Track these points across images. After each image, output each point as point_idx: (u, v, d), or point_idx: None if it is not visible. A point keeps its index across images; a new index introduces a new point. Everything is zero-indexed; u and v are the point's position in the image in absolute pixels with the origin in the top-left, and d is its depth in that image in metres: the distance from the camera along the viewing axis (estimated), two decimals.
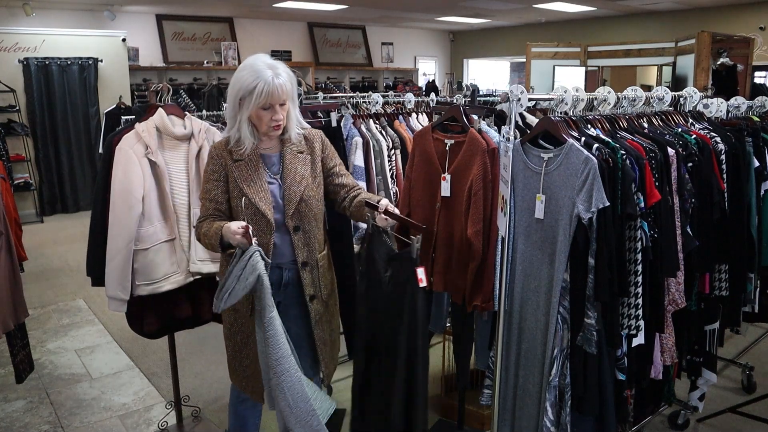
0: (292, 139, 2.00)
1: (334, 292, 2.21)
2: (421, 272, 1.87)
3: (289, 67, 1.97)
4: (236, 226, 1.79)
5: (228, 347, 2.12)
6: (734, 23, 8.36)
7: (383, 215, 1.88)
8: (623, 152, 1.91)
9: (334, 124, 2.67)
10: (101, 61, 7.62)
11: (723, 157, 2.32)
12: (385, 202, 1.91)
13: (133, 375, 3.35)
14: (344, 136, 2.79)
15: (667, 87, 2.64)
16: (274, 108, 1.88)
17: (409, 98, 3.33)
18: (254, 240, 1.79)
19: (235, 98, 1.89)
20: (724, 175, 2.33)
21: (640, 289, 1.95)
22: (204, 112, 3.64)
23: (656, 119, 2.37)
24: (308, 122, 2.18)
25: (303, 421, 1.88)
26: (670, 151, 2.08)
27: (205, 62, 9.12)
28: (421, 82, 11.56)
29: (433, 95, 3.51)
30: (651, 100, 2.34)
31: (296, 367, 1.87)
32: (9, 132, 7.06)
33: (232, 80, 1.90)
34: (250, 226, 1.80)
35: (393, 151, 2.97)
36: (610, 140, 1.96)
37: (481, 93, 5.75)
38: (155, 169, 2.35)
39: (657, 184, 1.97)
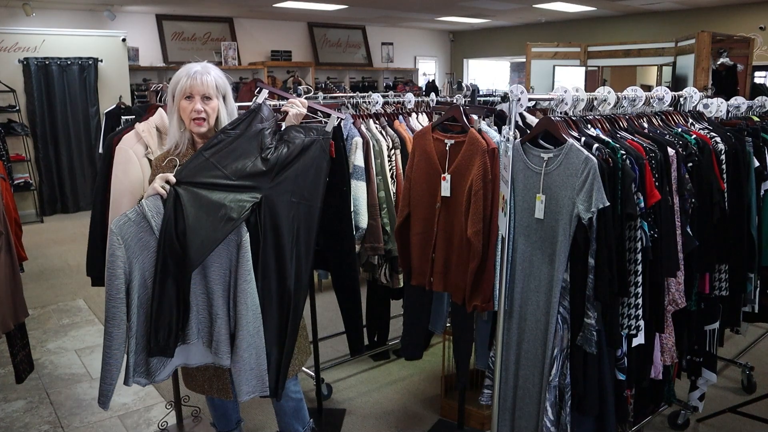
0: None
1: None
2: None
3: (289, 66, 1.98)
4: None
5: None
6: (734, 23, 8.36)
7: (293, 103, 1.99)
8: (623, 152, 1.91)
9: (334, 124, 2.66)
10: (101, 61, 7.62)
11: (723, 157, 2.32)
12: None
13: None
14: (344, 136, 2.79)
15: (667, 87, 2.64)
16: (195, 99, 1.93)
17: (409, 98, 3.33)
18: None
19: (170, 95, 1.98)
20: (724, 175, 2.33)
21: (640, 289, 1.95)
22: None
23: (656, 119, 2.37)
24: (308, 122, 2.19)
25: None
26: (670, 151, 2.08)
27: (206, 62, 9.10)
28: (421, 82, 11.56)
29: (433, 95, 3.51)
30: (651, 100, 2.34)
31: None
32: (9, 132, 7.06)
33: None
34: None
35: (393, 151, 2.97)
36: (610, 140, 1.96)
37: (481, 93, 5.75)
38: None
39: (657, 184, 1.98)
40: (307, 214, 2.00)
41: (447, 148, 2.29)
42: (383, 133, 3.00)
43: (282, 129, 2.02)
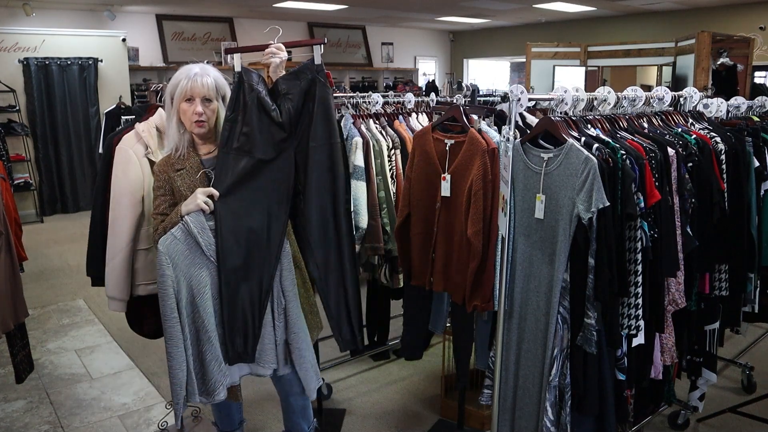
0: None
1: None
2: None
3: (289, 67, 1.99)
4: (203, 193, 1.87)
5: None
6: (734, 23, 8.36)
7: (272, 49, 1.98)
8: (623, 152, 1.91)
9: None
10: (101, 61, 7.62)
11: (723, 157, 2.32)
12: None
13: (133, 375, 3.35)
14: (344, 136, 2.80)
15: (667, 87, 2.64)
16: (195, 101, 1.93)
17: (409, 98, 3.33)
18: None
19: (168, 98, 1.99)
20: (724, 175, 2.33)
21: (640, 289, 1.95)
22: None
23: (656, 119, 2.37)
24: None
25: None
26: (670, 151, 2.08)
27: (205, 62, 9.08)
28: (421, 82, 11.55)
29: (433, 95, 3.51)
30: (651, 100, 2.34)
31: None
32: (9, 132, 7.06)
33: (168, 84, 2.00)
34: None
35: (393, 151, 2.97)
36: (610, 140, 1.96)
37: (481, 93, 5.75)
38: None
39: (657, 184, 1.98)
40: (330, 153, 2.03)
41: (447, 148, 2.29)
42: (383, 133, 3.00)
43: (274, 83, 2.01)
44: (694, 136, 2.28)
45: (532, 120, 2.57)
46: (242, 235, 1.91)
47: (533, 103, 2.93)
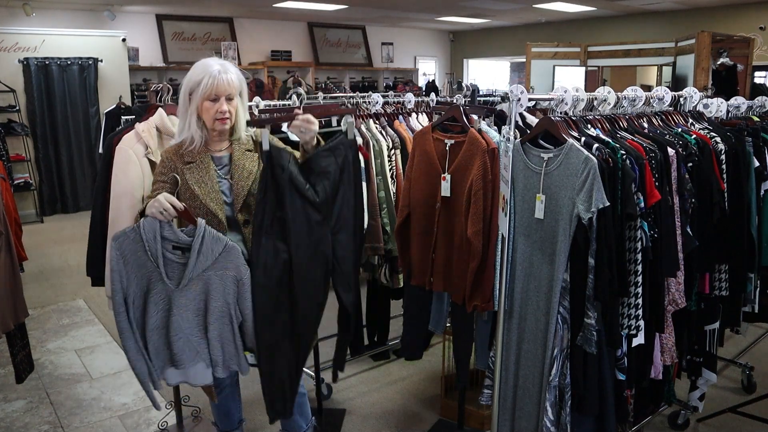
0: (241, 139, 2.04)
1: None
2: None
3: (289, 66, 1.98)
4: (173, 203, 1.82)
5: None
6: (734, 23, 8.36)
7: (300, 119, 1.90)
8: (623, 152, 1.91)
9: (334, 124, 2.67)
10: (101, 61, 7.62)
11: (723, 157, 2.32)
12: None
13: (133, 375, 3.31)
14: None
15: (667, 87, 2.64)
16: (220, 100, 1.92)
17: (409, 98, 3.33)
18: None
19: (185, 94, 1.96)
20: (724, 175, 2.33)
21: (640, 289, 1.95)
22: None
23: (656, 119, 2.37)
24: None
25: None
26: (670, 151, 2.08)
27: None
28: (421, 82, 11.56)
29: (433, 95, 3.51)
30: (651, 100, 2.34)
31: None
32: (9, 132, 7.06)
33: (184, 79, 1.97)
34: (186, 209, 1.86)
35: (393, 151, 2.97)
36: (610, 140, 1.96)
37: (481, 93, 5.75)
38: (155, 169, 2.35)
39: (657, 184, 1.97)
40: (354, 233, 2.07)
41: (447, 148, 2.29)
42: (383, 133, 3.00)
43: (307, 160, 1.97)
44: (694, 136, 2.28)
45: (532, 120, 2.57)
46: (279, 324, 1.96)
47: (533, 103, 2.93)
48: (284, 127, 2.76)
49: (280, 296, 1.93)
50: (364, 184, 2.80)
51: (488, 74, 12.92)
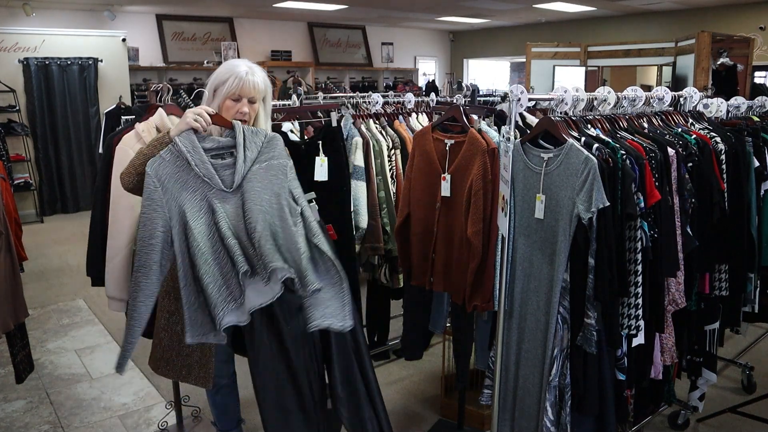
0: None
1: None
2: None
3: (289, 66, 1.98)
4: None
5: (160, 343, 2.02)
6: (734, 23, 8.36)
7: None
8: (623, 152, 1.91)
9: (334, 123, 2.67)
10: (101, 61, 7.61)
11: (723, 157, 2.32)
12: None
13: (133, 375, 3.35)
14: (344, 136, 2.79)
15: (667, 87, 2.64)
16: (242, 101, 1.91)
17: (409, 98, 3.33)
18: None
19: (209, 90, 1.95)
20: (724, 175, 2.33)
21: (640, 289, 1.95)
22: None
23: (656, 119, 2.37)
24: (308, 122, 2.18)
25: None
26: (670, 151, 2.08)
27: (205, 62, 9.11)
28: (421, 82, 11.56)
29: (433, 95, 3.51)
30: (651, 100, 2.34)
31: None
32: (9, 132, 7.05)
33: (211, 76, 1.95)
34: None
35: (393, 151, 2.97)
36: (610, 140, 1.96)
37: (481, 93, 5.76)
38: None
39: (657, 184, 1.98)
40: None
41: (447, 148, 2.29)
42: (383, 133, 3.00)
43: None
44: (694, 136, 2.28)
45: (532, 120, 2.57)
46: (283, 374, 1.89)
47: (533, 103, 2.93)
48: (284, 127, 2.76)
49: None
50: (356, 182, 2.80)
51: (488, 74, 12.92)
